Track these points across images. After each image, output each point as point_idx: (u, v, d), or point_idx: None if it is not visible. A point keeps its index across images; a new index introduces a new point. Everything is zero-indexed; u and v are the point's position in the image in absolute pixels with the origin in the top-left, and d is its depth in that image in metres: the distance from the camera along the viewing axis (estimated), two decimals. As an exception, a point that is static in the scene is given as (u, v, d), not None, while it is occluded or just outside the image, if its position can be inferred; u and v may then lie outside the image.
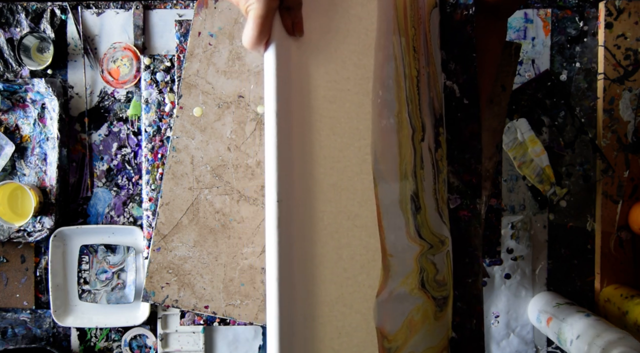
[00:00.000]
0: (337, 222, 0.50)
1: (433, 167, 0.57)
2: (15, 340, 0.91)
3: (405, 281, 0.54)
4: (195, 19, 0.62)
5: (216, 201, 0.62)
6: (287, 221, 0.45)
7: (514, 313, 0.91)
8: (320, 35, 0.51)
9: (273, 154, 0.45)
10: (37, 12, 0.90)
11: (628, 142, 0.89)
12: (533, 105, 0.90)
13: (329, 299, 0.49)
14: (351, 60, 0.53)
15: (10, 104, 0.89)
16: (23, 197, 0.88)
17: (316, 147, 0.49)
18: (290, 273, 0.45)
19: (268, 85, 0.46)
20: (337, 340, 0.49)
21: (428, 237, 0.55)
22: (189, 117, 0.62)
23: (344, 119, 0.52)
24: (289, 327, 0.43)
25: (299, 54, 0.49)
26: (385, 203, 0.53)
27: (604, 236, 0.89)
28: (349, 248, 0.50)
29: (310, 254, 0.47)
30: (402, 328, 0.53)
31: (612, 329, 0.73)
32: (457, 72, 0.59)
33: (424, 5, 0.59)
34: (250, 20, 0.45)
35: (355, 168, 0.52)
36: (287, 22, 0.47)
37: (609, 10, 0.88)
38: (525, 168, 0.90)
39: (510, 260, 0.91)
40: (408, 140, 0.56)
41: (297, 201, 0.46)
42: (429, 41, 0.58)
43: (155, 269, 0.61)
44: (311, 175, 0.48)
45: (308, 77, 0.49)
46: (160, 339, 0.90)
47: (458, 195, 0.58)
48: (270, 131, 0.45)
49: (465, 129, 0.58)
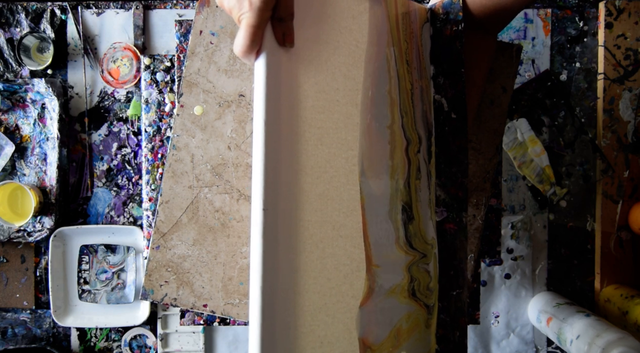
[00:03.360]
0: (322, 231, 0.50)
1: (428, 177, 0.57)
2: (15, 340, 0.91)
3: (394, 290, 0.54)
4: (197, 17, 0.62)
5: (216, 200, 0.62)
6: (272, 229, 0.45)
7: (514, 313, 0.91)
8: (311, 46, 0.51)
9: (260, 163, 0.45)
10: (37, 12, 0.90)
11: (628, 142, 0.89)
12: (533, 105, 0.90)
13: (312, 308, 0.48)
14: (341, 71, 0.53)
15: (10, 104, 0.89)
16: (23, 197, 0.88)
17: (303, 157, 0.49)
18: (274, 281, 0.44)
19: (257, 94, 0.46)
20: (319, 349, 0.49)
21: (420, 247, 0.55)
22: (190, 115, 0.62)
23: (332, 130, 0.52)
24: (270, 336, 0.43)
25: (289, 64, 0.49)
26: (371, 214, 0.53)
27: (604, 236, 0.89)
28: (334, 258, 0.50)
29: (295, 263, 0.47)
30: (389, 338, 0.53)
31: (612, 329, 0.73)
32: (446, 87, 0.59)
33: (415, 19, 0.59)
34: (242, 29, 0.46)
35: (342, 178, 0.52)
36: (278, 33, 0.48)
37: (609, 10, 0.89)
38: (525, 168, 0.90)
39: (510, 260, 0.91)
40: (401, 152, 0.56)
41: (282, 210, 0.46)
42: (422, 55, 0.59)
43: (154, 267, 0.61)
44: (298, 184, 0.48)
45: (298, 87, 0.50)
46: (160, 339, 0.90)
47: (444, 208, 0.58)
48: (258, 140, 0.45)
49: (453, 142, 0.59)
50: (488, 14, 0.60)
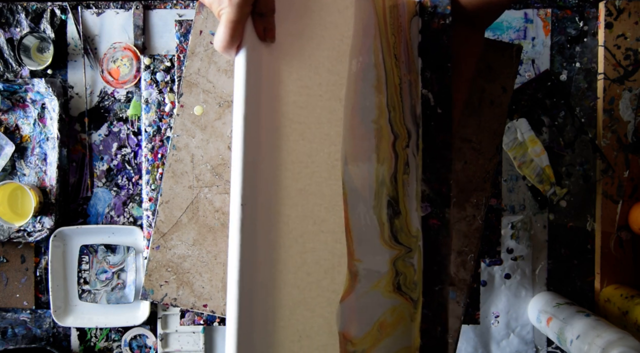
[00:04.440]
0: (302, 226, 0.50)
1: (416, 170, 0.57)
2: (15, 340, 0.91)
3: (378, 284, 0.53)
4: (197, 17, 0.62)
5: (216, 200, 0.62)
6: (250, 224, 0.44)
7: (514, 313, 0.91)
8: (294, 41, 0.51)
9: (239, 158, 0.44)
10: (37, 12, 0.90)
11: (628, 142, 0.89)
12: (533, 105, 0.90)
13: (291, 303, 0.48)
14: (324, 66, 0.53)
15: (10, 104, 0.89)
16: (23, 197, 0.88)
17: (284, 152, 0.49)
18: (252, 276, 0.44)
19: (237, 90, 0.46)
20: (298, 343, 0.48)
21: (406, 241, 0.55)
22: (190, 115, 0.62)
23: (315, 125, 0.51)
24: (248, 329, 0.43)
25: (270, 59, 0.49)
26: (355, 209, 0.53)
27: (604, 236, 0.89)
28: (314, 253, 0.50)
29: (273, 258, 0.47)
30: (372, 331, 0.53)
31: (612, 329, 0.73)
32: (433, 81, 0.59)
33: (404, 12, 0.59)
34: (222, 24, 0.46)
35: (324, 173, 0.51)
36: (259, 28, 0.48)
37: (609, 10, 0.89)
38: (525, 168, 0.90)
39: (510, 260, 0.91)
40: (388, 147, 0.55)
41: (261, 205, 0.46)
42: (410, 49, 0.58)
43: (154, 267, 0.61)
44: (278, 179, 0.48)
45: (279, 82, 0.49)
46: (160, 339, 0.90)
47: (428, 203, 0.58)
48: (237, 135, 0.45)
49: (438, 137, 0.58)
50: (477, 7, 0.60)
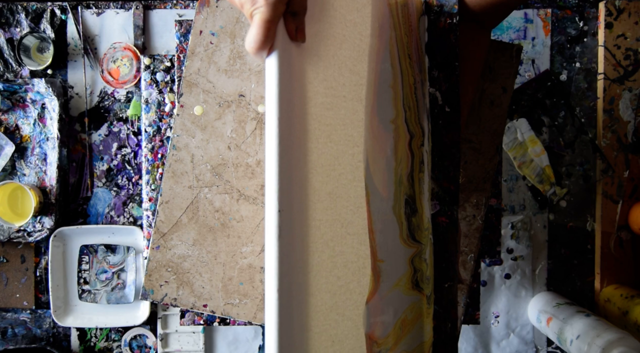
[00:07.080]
0: (332, 230, 0.49)
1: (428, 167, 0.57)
2: (15, 340, 0.91)
3: (399, 283, 0.54)
4: (197, 17, 0.62)
5: (216, 200, 0.62)
6: (288, 231, 0.43)
7: (514, 313, 0.91)
8: (318, 41, 0.50)
9: (274, 163, 0.43)
10: (37, 12, 0.90)
11: (628, 142, 0.89)
12: (533, 105, 0.90)
13: (324, 308, 0.48)
14: (347, 66, 0.52)
15: (10, 104, 0.89)
16: (23, 197, 0.88)
17: (314, 155, 0.48)
18: (289, 284, 0.43)
19: (270, 92, 0.44)
20: (331, 348, 0.48)
21: (420, 237, 0.55)
22: (190, 115, 0.62)
23: (340, 126, 0.51)
24: (288, 339, 0.42)
25: (299, 60, 0.47)
26: (376, 209, 0.53)
27: (604, 236, 0.89)
28: (343, 256, 0.50)
29: (308, 263, 0.46)
30: (395, 330, 0.53)
31: (612, 329, 0.73)
32: (440, 80, 0.59)
33: (413, 11, 0.59)
34: (256, 24, 0.43)
35: (349, 175, 0.51)
36: (291, 28, 0.46)
37: (609, 10, 0.89)
38: (525, 168, 0.90)
39: (510, 260, 0.91)
40: (404, 146, 0.55)
41: (296, 210, 0.45)
42: (420, 48, 0.58)
43: (154, 267, 0.61)
44: (309, 183, 0.47)
45: (308, 83, 0.48)
46: (160, 339, 0.90)
47: (437, 201, 0.58)
48: (271, 140, 0.43)
49: (446, 136, 0.59)
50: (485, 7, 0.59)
